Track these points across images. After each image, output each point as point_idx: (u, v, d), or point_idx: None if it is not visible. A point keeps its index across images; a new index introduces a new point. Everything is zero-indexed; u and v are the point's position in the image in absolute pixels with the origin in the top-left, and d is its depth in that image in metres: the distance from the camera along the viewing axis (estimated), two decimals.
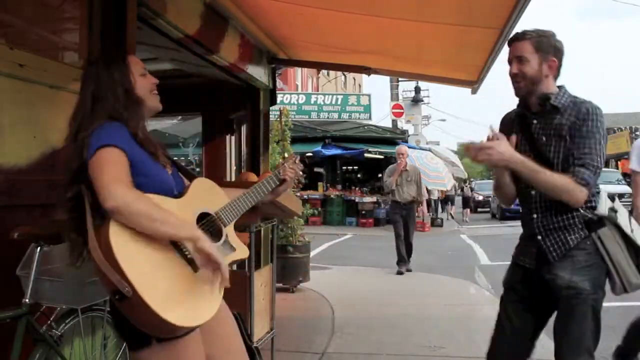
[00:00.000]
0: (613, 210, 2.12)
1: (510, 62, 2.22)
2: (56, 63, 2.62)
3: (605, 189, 2.25)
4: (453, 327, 4.77)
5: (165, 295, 1.62)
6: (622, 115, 38.64)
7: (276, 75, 5.83)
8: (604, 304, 2.14)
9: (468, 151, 2.18)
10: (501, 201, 2.49)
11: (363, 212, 17.25)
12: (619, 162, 26.84)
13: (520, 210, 2.36)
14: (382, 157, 19.30)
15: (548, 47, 2.18)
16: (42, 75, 2.39)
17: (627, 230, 2.10)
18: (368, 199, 17.69)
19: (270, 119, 6.06)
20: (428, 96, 30.18)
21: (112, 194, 1.57)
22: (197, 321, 1.70)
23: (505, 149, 2.08)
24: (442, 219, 18.73)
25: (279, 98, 7.18)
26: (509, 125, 2.32)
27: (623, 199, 19.19)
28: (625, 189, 20.79)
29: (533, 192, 2.20)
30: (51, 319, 2.16)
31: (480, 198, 25.87)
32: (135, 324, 1.66)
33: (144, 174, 1.74)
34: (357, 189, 18.94)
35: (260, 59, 5.15)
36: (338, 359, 4.03)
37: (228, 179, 5.67)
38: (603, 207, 2.12)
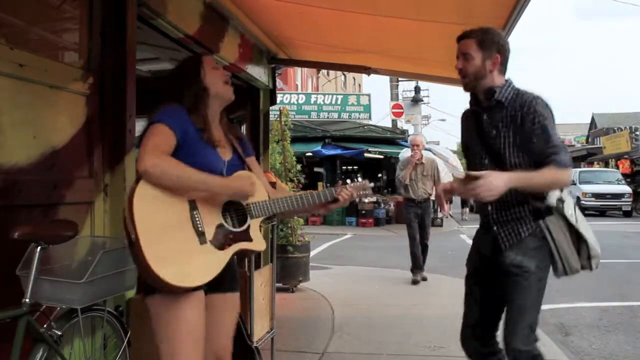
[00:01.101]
0: (561, 200, 2.28)
1: (457, 58, 2.36)
2: (56, 63, 2.61)
3: (604, 188, 2.35)
4: (453, 327, 4.75)
5: (163, 252, 1.84)
6: (622, 115, 38.67)
7: (276, 75, 5.83)
8: (604, 304, 2.19)
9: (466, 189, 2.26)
10: None
11: (363, 212, 17.24)
12: (619, 162, 26.83)
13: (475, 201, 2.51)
14: (382, 157, 19.31)
15: (491, 44, 2.31)
16: (42, 75, 2.39)
17: (572, 219, 2.27)
18: (368, 198, 17.65)
19: (270, 119, 6.06)
20: (428, 96, 30.25)
21: (145, 158, 1.85)
22: (186, 283, 1.88)
23: (498, 181, 2.13)
24: (442, 219, 18.73)
25: (279, 98, 7.19)
26: (465, 122, 2.50)
27: (623, 199, 19.17)
28: (625, 188, 20.89)
29: None
30: (51, 319, 2.16)
31: None
32: (138, 271, 1.91)
33: (191, 153, 1.99)
34: None
35: (260, 59, 5.15)
36: (338, 359, 4.03)
37: None
38: (552, 197, 2.26)
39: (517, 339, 2.24)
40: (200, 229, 1.94)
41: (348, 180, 2.38)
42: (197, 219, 1.94)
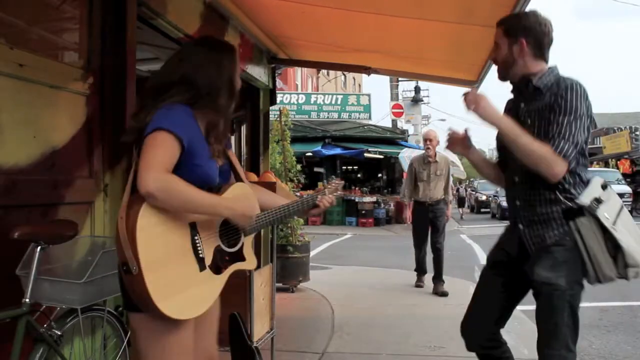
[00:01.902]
0: (597, 200, 2.09)
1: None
2: (56, 63, 2.61)
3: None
4: (453, 327, 4.75)
5: (166, 285, 1.70)
6: (622, 115, 38.65)
7: (276, 75, 5.83)
8: (604, 304, 2.17)
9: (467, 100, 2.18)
10: (490, 182, 2.61)
11: (363, 211, 17.26)
12: (619, 162, 26.82)
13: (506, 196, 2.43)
14: (382, 157, 19.32)
15: (516, 29, 2.20)
16: (42, 75, 2.39)
17: (607, 223, 2.06)
18: (368, 198, 17.70)
19: (270, 119, 6.06)
20: (428, 96, 30.27)
21: (150, 179, 1.63)
22: (185, 315, 1.76)
23: (486, 103, 2.11)
24: None
25: (278, 98, 7.19)
26: (504, 112, 2.33)
27: (623, 199, 19.19)
28: (625, 188, 20.88)
29: (517, 179, 2.24)
30: (51, 319, 2.16)
31: (484, 198, 25.57)
32: (131, 295, 1.74)
33: (193, 162, 1.78)
34: (357, 188, 18.95)
35: (260, 59, 5.15)
36: (338, 358, 4.03)
37: None
38: (586, 196, 2.10)
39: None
40: (200, 255, 1.81)
41: (325, 185, 2.35)
42: (198, 244, 1.80)
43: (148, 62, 4.77)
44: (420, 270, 6.69)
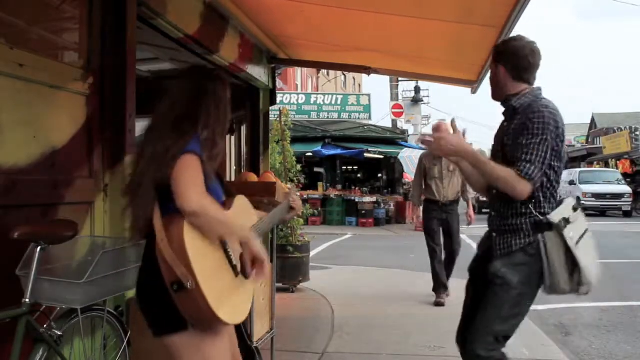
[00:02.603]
0: (565, 220, 2.25)
1: None
2: (56, 63, 2.61)
3: (604, 188, 2.36)
4: (453, 327, 4.76)
5: (219, 293, 1.80)
6: (622, 115, 38.65)
7: (276, 75, 5.83)
8: (604, 304, 2.19)
9: (423, 143, 2.40)
10: (475, 190, 2.82)
11: (363, 212, 17.24)
12: (619, 162, 26.82)
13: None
14: (382, 157, 19.31)
15: (499, 54, 2.42)
16: (42, 75, 2.39)
17: (570, 242, 2.22)
18: (368, 198, 17.68)
19: (270, 119, 6.06)
20: (428, 96, 30.24)
21: (193, 198, 1.75)
22: (237, 320, 1.91)
23: (457, 141, 2.28)
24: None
25: (278, 98, 7.18)
26: (498, 130, 2.52)
27: (623, 199, 19.17)
28: (625, 189, 20.88)
29: (494, 192, 2.39)
30: (51, 319, 2.16)
31: (484, 198, 25.59)
32: (185, 314, 1.79)
33: (208, 183, 1.88)
34: (357, 188, 18.94)
35: (260, 59, 5.15)
36: (338, 358, 4.03)
37: (228, 179, 5.66)
38: (556, 215, 2.25)
39: (478, 345, 2.28)
40: (234, 262, 1.90)
41: (290, 185, 2.61)
42: (229, 252, 1.89)
43: (148, 62, 4.77)
44: (439, 285, 5.65)
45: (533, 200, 2.28)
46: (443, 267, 5.70)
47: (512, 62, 2.36)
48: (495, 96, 2.46)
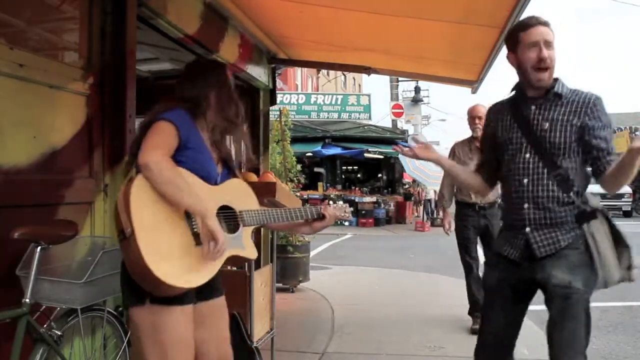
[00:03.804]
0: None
1: (534, 45, 2.11)
2: (56, 63, 2.61)
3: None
4: (453, 327, 4.77)
5: (158, 250, 1.80)
6: (622, 115, 38.61)
7: (276, 75, 5.83)
8: (604, 304, 2.17)
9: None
10: (476, 193, 2.62)
11: (363, 212, 17.25)
12: None
13: (502, 198, 2.35)
14: (381, 157, 19.32)
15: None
16: (42, 75, 2.39)
17: (616, 225, 2.08)
18: (368, 198, 17.69)
19: (270, 119, 6.06)
20: (428, 96, 30.22)
21: (149, 154, 1.84)
22: (179, 283, 1.83)
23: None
24: (442, 219, 18.71)
25: (279, 98, 7.17)
26: (499, 114, 2.29)
27: (623, 199, 19.13)
28: (625, 188, 20.86)
29: (525, 181, 2.15)
30: (51, 319, 2.16)
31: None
32: (130, 271, 1.86)
33: (193, 155, 1.97)
34: (357, 188, 18.94)
35: (260, 59, 5.15)
36: (338, 358, 4.03)
37: None
38: (595, 200, 2.13)
39: None
40: (194, 229, 1.90)
41: (331, 202, 2.44)
42: (192, 219, 1.91)
43: (148, 62, 4.77)
44: (476, 307, 4.51)
45: (576, 189, 2.12)
46: (479, 282, 4.49)
47: None
48: (548, 82, 2.15)
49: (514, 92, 2.28)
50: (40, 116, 2.42)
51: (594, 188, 2.29)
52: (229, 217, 2.08)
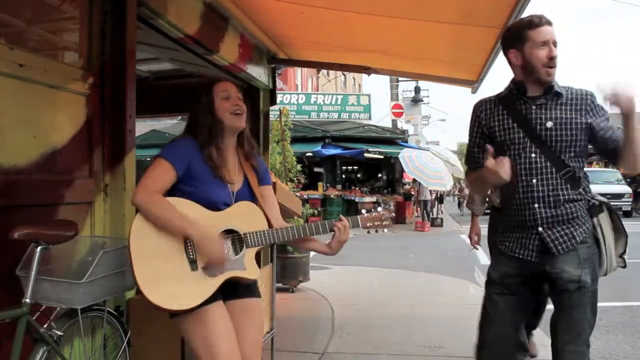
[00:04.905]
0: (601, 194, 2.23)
1: (544, 44, 2.14)
2: (56, 63, 2.62)
3: (604, 188, 2.33)
4: (453, 327, 4.77)
5: (154, 275, 1.97)
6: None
7: (276, 75, 5.83)
8: (604, 304, 2.17)
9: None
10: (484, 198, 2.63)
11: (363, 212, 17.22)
12: None
13: (506, 200, 2.31)
14: (382, 157, 19.32)
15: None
16: (42, 75, 2.39)
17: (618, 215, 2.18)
18: (368, 198, 17.68)
19: (270, 119, 6.06)
20: (428, 96, 30.25)
21: (137, 195, 2.02)
22: (171, 305, 1.98)
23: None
24: (442, 219, 18.74)
25: (279, 98, 7.19)
26: (492, 112, 2.28)
27: (623, 199, 19.14)
28: (625, 189, 20.87)
29: (534, 181, 2.15)
30: (51, 319, 2.16)
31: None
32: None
33: (195, 184, 2.10)
34: (357, 188, 18.94)
35: (260, 59, 5.15)
36: (338, 358, 4.03)
37: None
38: (598, 194, 2.20)
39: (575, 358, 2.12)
40: (192, 256, 2.03)
41: (363, 211, 2.45)
42: (189, 246, 2.03)
43: (148, 62, 4.77)
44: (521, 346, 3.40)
45: (584, 184, 2.16)
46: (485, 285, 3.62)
47: None
48: (553, 78, 2.18)
49: (508, 91, 2.28)
50: (40, 116, 2.42)
51: (594, 189, 2.31)
52: (234, 240, 2.14)
